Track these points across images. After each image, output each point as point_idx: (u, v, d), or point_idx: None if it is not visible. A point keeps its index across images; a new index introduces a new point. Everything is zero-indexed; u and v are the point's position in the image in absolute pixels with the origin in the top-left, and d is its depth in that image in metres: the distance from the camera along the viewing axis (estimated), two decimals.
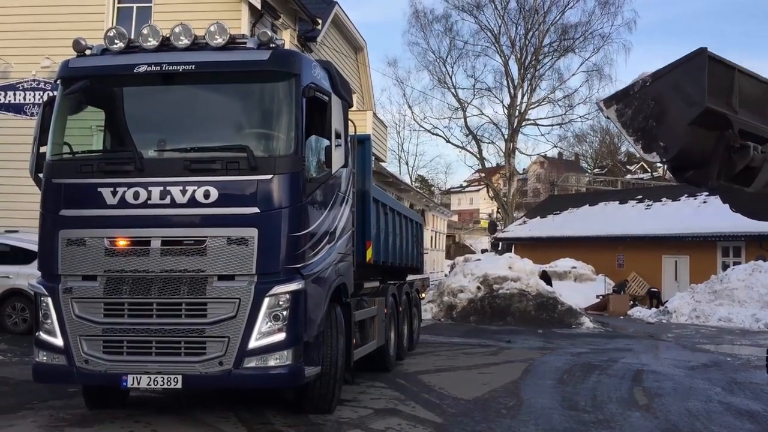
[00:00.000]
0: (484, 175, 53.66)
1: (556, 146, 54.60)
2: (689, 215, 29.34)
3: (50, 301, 6.85)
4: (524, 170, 69.09)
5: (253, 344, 6.55)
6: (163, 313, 6.68)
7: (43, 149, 7.20)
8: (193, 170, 6.71)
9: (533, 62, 43.70)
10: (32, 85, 16.89)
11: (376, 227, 10.16)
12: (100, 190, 6.81)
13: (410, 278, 13.59)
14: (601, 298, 27.81)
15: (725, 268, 26.25)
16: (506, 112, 44.61)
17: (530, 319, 20.49)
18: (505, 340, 16.22)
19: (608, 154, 64.42)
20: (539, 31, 43.16)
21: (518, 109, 44.11)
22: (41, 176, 7.15)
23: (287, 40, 17.85)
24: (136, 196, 6.74)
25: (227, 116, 7.30)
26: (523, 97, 44.20)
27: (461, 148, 48.08)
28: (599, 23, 43.17)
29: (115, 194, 6.77)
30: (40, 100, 16.29)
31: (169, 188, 6.70)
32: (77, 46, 7.30)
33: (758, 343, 16.72)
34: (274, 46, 7.09)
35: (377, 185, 12.31)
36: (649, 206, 33.44)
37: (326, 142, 7.02)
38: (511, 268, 21.93)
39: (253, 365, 6.56)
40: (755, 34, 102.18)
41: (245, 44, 7.16)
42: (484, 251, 36.14)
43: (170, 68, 6.93)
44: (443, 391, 9.33)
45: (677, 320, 23.27)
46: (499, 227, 42.03)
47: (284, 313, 6.61)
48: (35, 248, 7.52)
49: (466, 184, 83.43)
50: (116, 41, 7.20)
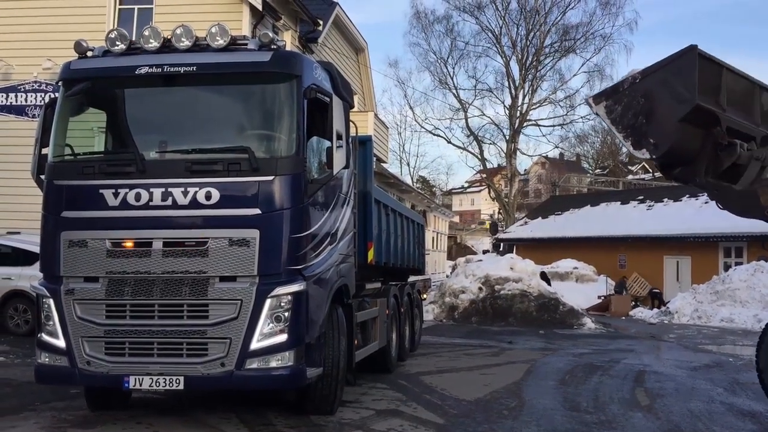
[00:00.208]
0: (485, 175, 53.69)
1: (557, 147, 54.79)
2: (691, 216, 29.30)
3: (52, 302, 6.85)
4: (526, 171, 69.18)
5: (254, 345, 6.55)
6: (164, 314, 6.68)
7: (44, 151, 7.20)
8: (194, 171, 6.72)
9: (534, 63, 43.73)
10: (34, 86, 16.89)
11: (377, 228, 10.15)
12: (101, 191, 6.81)
13: (412, 279, 13.58)
14: (602, 298, 27.80)
15: (727, 268, 26.22)
16: (507, 112, 44.66)
17: (532, 319, 20.48)
18: (506, 340, 16.21)
19: (609, 154, 64.38)
20: (540, 31, 43.20)
21: (519, 109, 44.12)
22: (43, 178, 7.15)
23: (288, 41, 17.86)
24: (137, 197, 6.75)
25: (229, 118, 7.30)
26: (524, 97, 44.27)
27: (462, 149, 48.17)
28: (600, 24, 43.24)
29: (116, 196, 6.78)
30: (41, 101, 16.27)
31: (170, 189, 6.71)
32: (79, 47, 7.30)
33: None
34: (275, 47, 7.09)
35: (379, 186, 12.30)
36: (650, 207, 33.43)
37: (327, 143, 7.03)
38: (512, 268, 21.92)
39: (254, 366, 6.56)
40: (757, 34, 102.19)
41: (246, 45, 7.17)
42: (485, 252, 36.04)
43: (171, 70, 6.93)
44: (445, 392, 9.33)
45: (679, 321, 23.26)
46: (500, 228, 42.00)
47: (286, 314, 6.61)
48: (37, 250, 7.53)
49: (467, 184, 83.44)
50: (117, 43, 7.20)
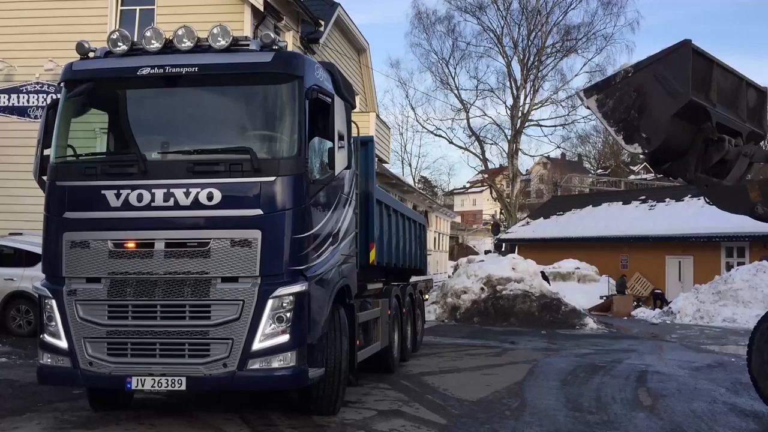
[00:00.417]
0: (487, 176, 53.73)
1: (559, 147, 54.60)
2: (693, 216, 29.25)
3: (54, 303, 6.86)
4: (527, 171, 69.12)
5: (256, 346, 6.55)
6: (167, 315, 6.69)
7: (46, 152, 7.21)
8: (196, 172, 6.72)
9: (536, 63, 43.75)
10: (36, 87, 16.93)
11: (379, 229, 10.16)
12: (103, 192, 6.82)
13: (413, 279, 13.59)
14: (604, 298, 27.79)
15: (729, 268, 26.20)
16: (509, 113, 44.67)
17: (534, 320, 20.47)
18: (508, 341, 16.20)
19: (611, 154, 64.29)
20: (542, 31, 43.22)
21: (521, 110, 44.13)
22: (45, 179, 7.16)
23: (290, 42, 17.86)
24: (139, 198, 6.75)
25: (230, 118, 7.31)
26: (525, 98, 44.30)
27: (464, 149, 48.20)
28: (602, 24, 43.28)
29: (118, 196, 6.78)
30: (43, 102, 16.30)
31: (172, 190, 6.71)
32: (80, 48, 7.31)
33: None
34: (276, 48, 7.09)
35: (380, 187, 12.31)
36: (652, 207, 33.39)
37: (329, 143, 7.04)
38: (514, 269, 21.91)
39: (257, 367, 6.56)
40: (759, 35, 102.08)
41: (248, 46, 7.17)
42: (487, 252, 36.05)
43: (173, 70, 6.93)
44: (447, 392, 9.33)
45: (681, 321, 23.23)
46: (502, 228, 42.00)
47: (288, 314, 6.61)
48: (39, 251, 7.55)
49: (469, 185, 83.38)
50: (119, 44, 7.20)
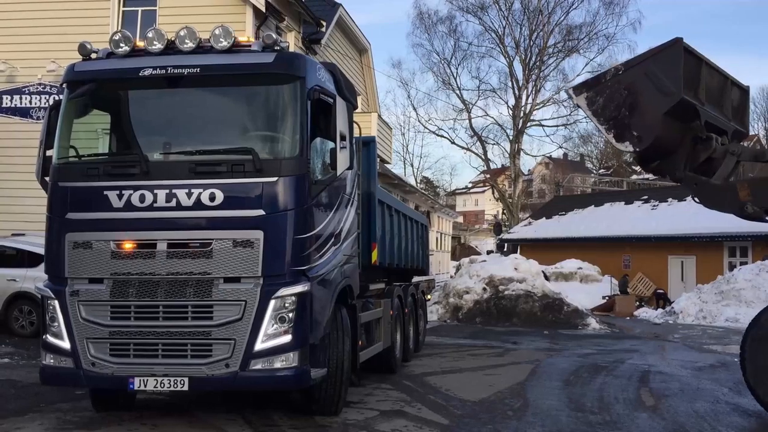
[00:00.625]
0: (489, 176, 53.69)
1: (561, 147, 54.57)
2: (695, 215, 29.07)
3: (57, 304, 6.87)
4: (529, 171, 69.08)
5: (259, 346, 6.55)
6: (169, 315, 6.70)
7: (49, 153, 7.23)
8: (198, 173, 6.73)
9: (538, 63, 43.76)
10: (38, 89, 16.94)
11: (381, 229, 10.16)
12: (106, 193, 6.83)
13: (416, 280, 13.58)
14: (607, 299, 27.75)
15: (732, 268, 26.18)
16: (511, 113, 44.68)
17: (536, 320, 20.45)
18: (511, 341, 16.19)
19: (613, 154, 64.18)
20: (544, 31, 43.21)
21: (523, 110, 44.14)
22: (47, 180, 7.17)
23: (292, 42, 17.87)
24: (142, 199, 6.76)
25: (232, 119, 7.32)
26: (527, 98, 44.30)
27: (466, 149, 48.23)
28: (604, 23, 43.27)
29: (121, 197, 6.80)
30: (46, 103, 16.31)
31: (174, 191, 6.72)
32: (83, 49, 7.32)
33: None
34: (278, 48, 7.10)
35: (382, 187, 12.31)
36: (655, 206, 33.35)
37: (331, 144, 7.05)
38: (516, 269, 21.90)
39: (259, 367, 6.57)
40: (761, 35, 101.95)
41: (250, 47, 7.17)
42: (489, 252, 36.03)
43: (175, 71, 6.94)
44: (449, 392, 9.33)
45: (684, 321, 23.20)
46: (504, 228, 41.99)
47: (290, 315, 6.62)
48: (42, 251, 7.55)
49: (471, 185, 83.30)
50: (121, 45, 7.21)
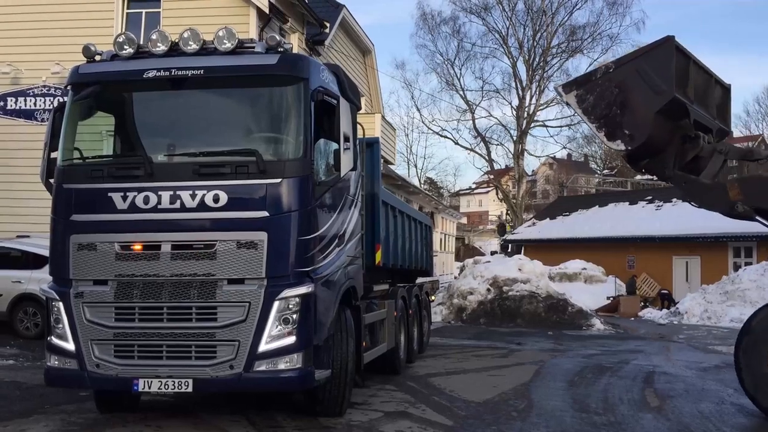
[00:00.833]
0: (493, 177, 53.60)
1: (565, 147, 54.43)
2: (700, 216, 28.73)
3: (62, 305, 6.88)
4: (533, 172, 69.03)
5: (263, 348, 6.56)
6: (173, 317, 6.70)
7: (53, 155, 7.25)
8: (202, 174, 6.74)
9: (541, 63, 43.66)
10: (43, 91, 16.99)
11: (385, 230, 10.16)
12: (110, 194, 6.84)
13: (420, 281, 13.58)
14: (611, 299, 27.70)
15: (737, 268, 26.09)
16: (515, 113, 44.59)
17: (540, 320, 20.44)
18: (515, 342, 16.18)
19: (617, 154, 64.15)
20: (547, 32, 43.12)
21: (527, 110, 44.08)
22: (52, 181, 7.19)
23: (295, 43, 17.88)
24: (146, 200, 6.77)
25: (236, 121, 7.33)
26: (531, 98, 44.21)
27: (470, 150, 48.14)
28: (607, 24, 43.28)
29: (125, 199, 6.81)
30: (50, 105, 16.36)
31: (178, 192, 6.73)
32: (87, 52, 7.34)
33: None
34: (282, 50, 7.11)
35: (386, 188, 12.32)
36: (659, 207, 33.27)
37: (335, 145, 7.06)
38: (520, 269, 21.89)
39: (263, 368, 6.57)
40: (760, 34, 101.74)
41: (253, 48, 7.18)
42: (493, 253, 36.00)
43: (179, 73, 6.95)
44: (453, 393, 9.32)
45: (688, 321, 23.15)
46: (508, 229, 41.95)
47: (294, 316, 6.62)
48: (47, 253, 7.56)
49: (475, 186, 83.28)
50: (125, 47, 7.22)
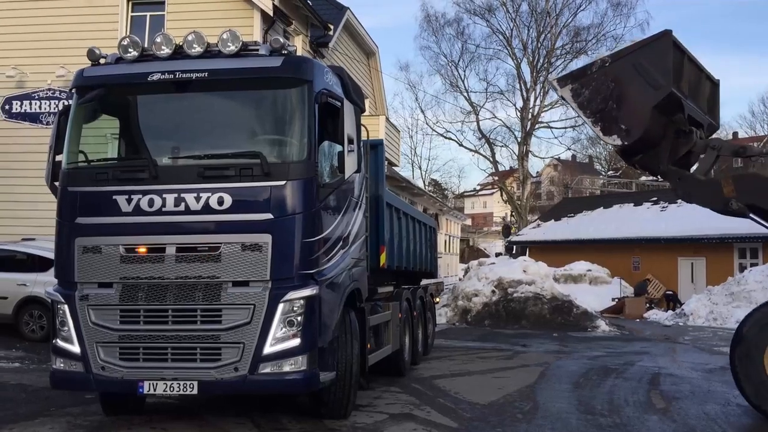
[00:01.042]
0: (497, 178, 53.57)
1: (569, 149, 54.34)
2: (705, 217, 28.62)
3: (67, 308, 6.90)
4: (538, 173, 68.95)
5: (268, 350, 6.56)
6: (178, 319, 6.71)
7: (58, 158, 7.27)
8: (206, 177, 6.75)
9: (546, 65, 43.65)
10: (47, 94, 17.04)
11: (389, 232, 10.16)
12: (115, 197, 6.86)
13: (424, 282, 13.58)
14: (616, 301, 27.65)
15: (742, 269, 26.02)
16: (519, 115, 44.58)
17: (545, 322, 20.40)
18: (520, 344, 16.16)
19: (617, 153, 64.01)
20: (551, 33, 43.13)
21: (531, 111, 44.05)
22: (57, 184, 7.21)
23: (299, 46, 17.91)
24: (150, 203, 6.79)
25: (240, 123, 7.34)
26: (535, 99, 44.20)
27: (474, 151, 48.19)
28: (612, 25, 43.13)
29: (130, 202, 6.82)
30: (55, 109, 16.40)
31: (183, 195, 6.74)
32: (91, 55, 7.36)
33: None
34: (286, 52, 7.12)
35: (390, 190, 12.32)
36: (664, 208, 33.18)
37: (339, 147, 7.06)
38: (525, 271, 21.86)
39: (268, 371, 6.57)
40: (764, 34, 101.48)
41: (258, 51, 7.19)
42: (498, 255, 35.97)
43: (183, 76, 6.96)
44: (458, 395, 9.31)
45: (694, 323, 23.08)
46: (513, 231, 41.92)
47: (299, 318, 6.62)
48: (52, 256, 7.58)
49: (479, 187, 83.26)
50: (130, 50, 7.25)
